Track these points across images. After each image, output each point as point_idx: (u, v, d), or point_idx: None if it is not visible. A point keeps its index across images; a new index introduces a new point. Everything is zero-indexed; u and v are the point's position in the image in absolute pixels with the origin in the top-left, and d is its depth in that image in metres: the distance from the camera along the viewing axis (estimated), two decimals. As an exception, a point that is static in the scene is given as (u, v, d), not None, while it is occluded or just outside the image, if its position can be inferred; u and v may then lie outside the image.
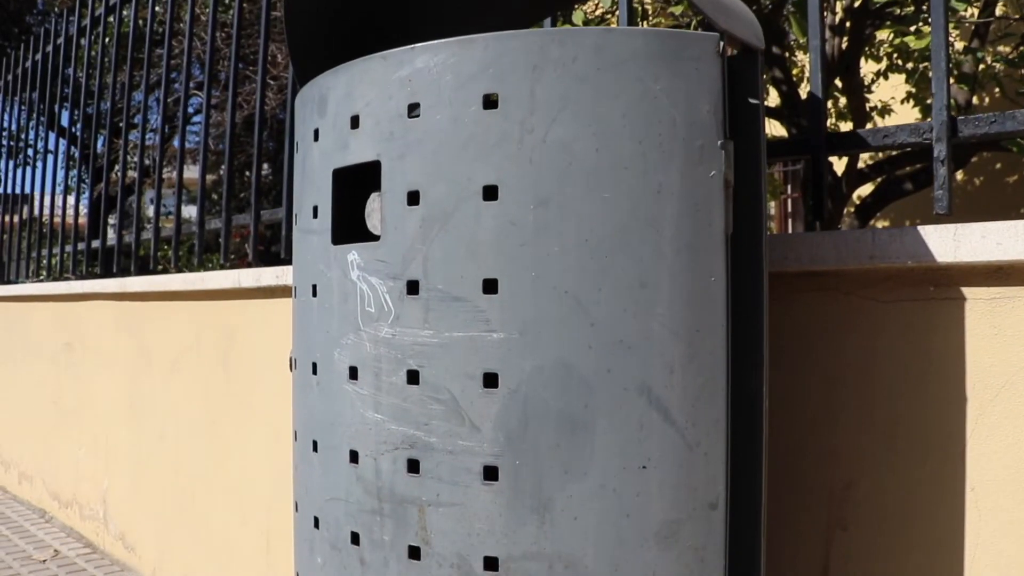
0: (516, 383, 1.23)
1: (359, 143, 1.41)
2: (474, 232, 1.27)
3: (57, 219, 5.37)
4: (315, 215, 1.50)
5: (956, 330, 1.54)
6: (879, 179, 5.11)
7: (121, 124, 4.44)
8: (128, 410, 3.90)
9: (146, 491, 3.75)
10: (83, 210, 5.74)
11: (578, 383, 1.22)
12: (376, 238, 1.38)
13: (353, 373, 1.38)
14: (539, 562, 1.23)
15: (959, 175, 7.17)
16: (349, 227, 1.47)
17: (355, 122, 1.41)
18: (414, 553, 1.31)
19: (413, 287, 1.30)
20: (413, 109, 1.34)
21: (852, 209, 5.46)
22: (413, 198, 1.32)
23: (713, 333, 1.25)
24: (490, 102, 1.29)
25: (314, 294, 1.48)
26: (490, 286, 1.25)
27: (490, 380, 1.25)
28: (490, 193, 1.27)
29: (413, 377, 1.30)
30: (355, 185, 1.49)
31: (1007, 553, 1.48)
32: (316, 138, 1.51)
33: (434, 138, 1.31)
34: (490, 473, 1.25)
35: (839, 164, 5.85)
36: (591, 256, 1.23)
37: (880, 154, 6.43)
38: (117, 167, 4.68)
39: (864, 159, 5.84)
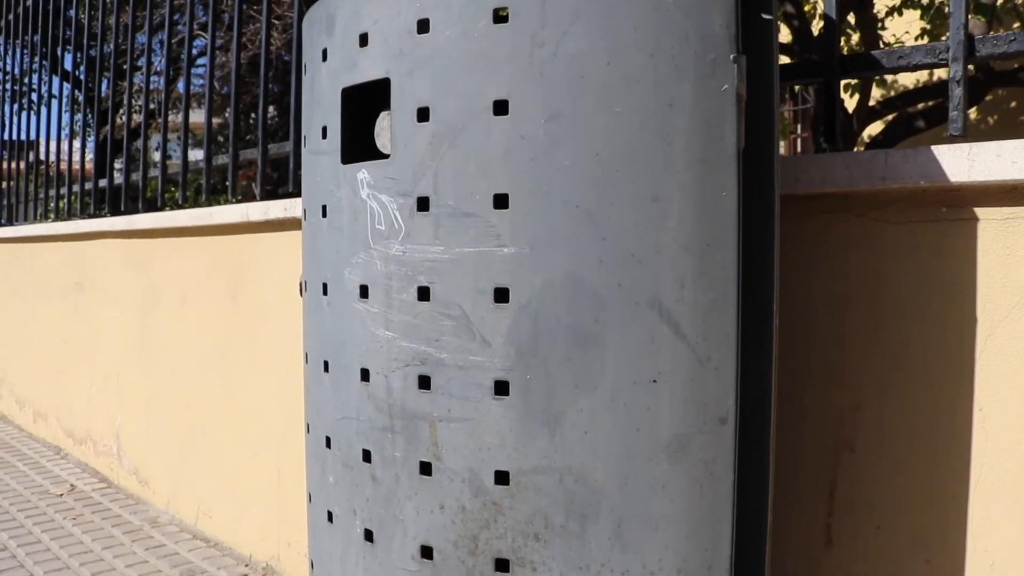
0: (527, 298, 1.24)
1: (368, 61, 1.39)
2: (484, 147, 1.26)
3: (64, 164, 5.36)
4: (324, 135, 1.49)
5: (967, 251, 1.53)
6: (890, 116, 5.06)
7: (125, 67, 4.40)
8: (139, 347, 3.93)
9: (158, 426, 3.80)
10: (89, 155, 5.72)
11: (589, 297, 1.22)
12: (386, 157, 1.37)
13: (364, 292, 1.39)
14: (549, 476, 1.25)
15: (972, 113, 7.09)
16: (358, 147, 1.46)
17: (363, 40, 1.40)
18: (425, 469, 1.33)
19: (423, 204, 1.30)
20: (422, 25, 1.33)
21: (862, 149, 5.42)
22: (423, 115, 1.31)
23: (724, 248, 1.25)
24: (500, 16, 1.28)
25: (324, 215, 1.48)
26: (500, 201, 1.25)
27: (501, 295, 1.25)
28: (500, 108, 1.26)
29: (424, 294, 1.31)
30: (364, 105, 1.48)
31: (1012, 474, 1.49)
32: (324, 58, 1.50)
33: (444, 54, 1.30)
34: (501, 388, 1.26)
35: (850, 103, 5.79)
36: (602, 170, 1.22)
37: (892, 91, 6.35)
38: (122, 111, 4.65)
39: (875, 96, 5.77)
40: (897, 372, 1.60)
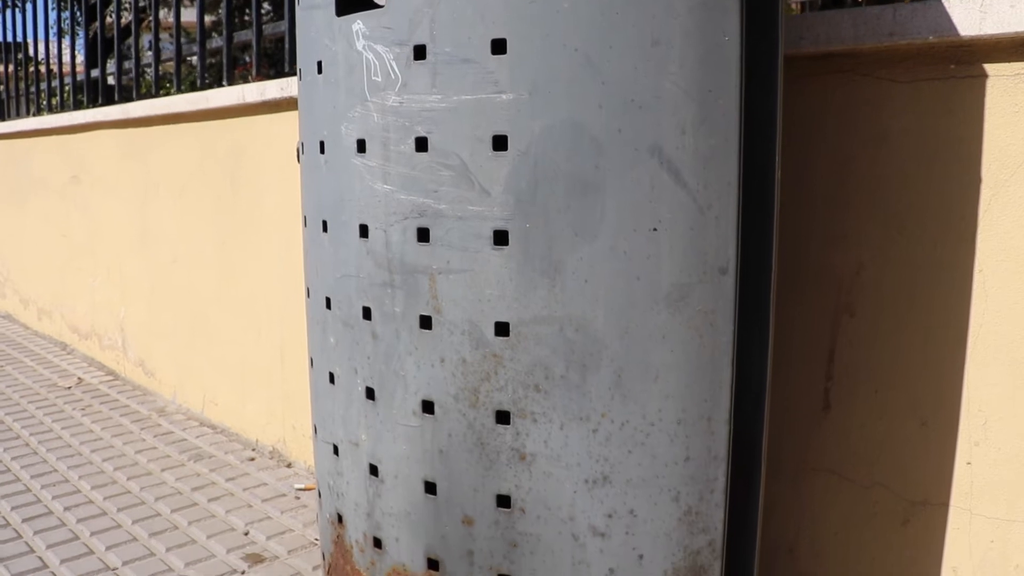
0: (525, 145, 1.22)
1: (360, -93, 1.34)
2: (481, -9, 1.22)
3: (54, 63, 5.25)
4: (317, -11, 1.45)
5: (975, 109, 1.50)
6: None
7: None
8: (139, 238, 3.92)
9: (161, 317, 3.82)
10: (79, 56, 5.59)
11: (588, 143, 1.20)
12: (381, 6, 1.33)
13: (361, 146, 1.37)
14: (549, 326, 1.25)
15: None
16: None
17: None
18: (425, 323, 1.33)
19: (420, 52, 1.27)
20: None
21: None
22: (417, -40, 1.27)
23: (726, 94, 1.22)
24: None
25: (319, 71, 1.45)
26: (499, 46, 1.21)
27: (499, 143, 1.23)
28: (497, -50, 1.22)
29: (422, 144, 1.29)
30: (357, -43, 1.43)
31: (1009, 335, 1.49)
32: (315, -92, 1.44)
33: None
34: (500, 238, 1.25)
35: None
36: (601, 13, 1.18)
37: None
38: (111, 7, 4.52)
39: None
40: (899, 234, 1.59)
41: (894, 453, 1.64)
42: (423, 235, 1.30)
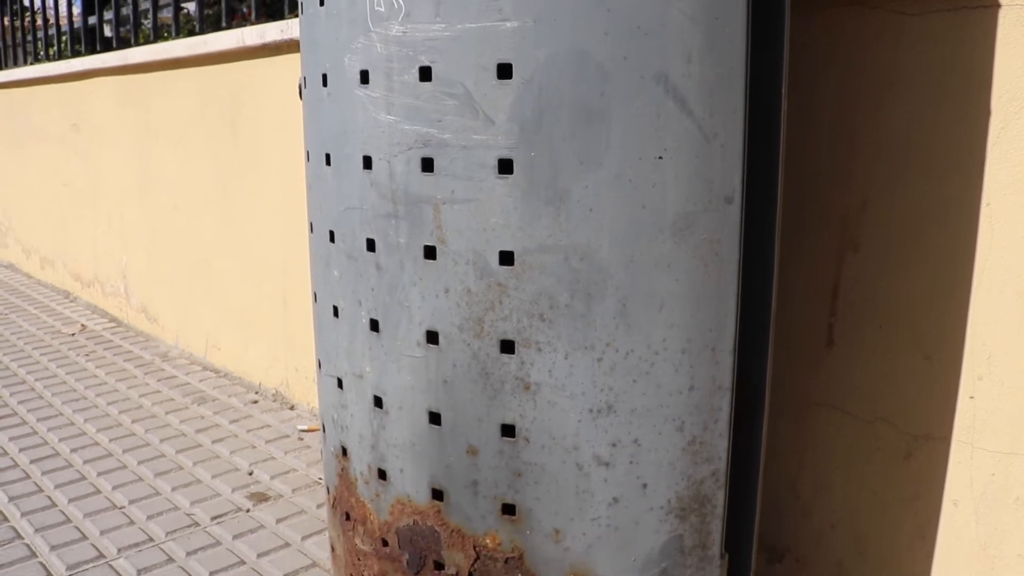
0: (530, 72, 1.20)
1: None
2: (485, -86, 1.20)
3: (50, 13, 5.19)
4: (317, -83, 1.42)
5: (986, 40, 1.48)
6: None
7: None
8: (139, 185, 3.90)
9: (163, 263, 3.82)
10: (76, 7, 5.50)
11: (593, 71, 1.19)
12: (382, -68, 1.31)
13: (364, 77, 1.35)
14: (554, 255, 1.24)
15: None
16: (353, -73, 1.40)
17: None
18: (430, 253, 1.32)
19: (423, -22, 1.25)
20: None
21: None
22: None
23: (732, 21, 1.20)
24: None
25: (321, 3, 1.43)
26: (503, -29, 1.19)
27: (504, 71, 1.22)
28: None
29: (425, 74, 1.27)
30: None
31: (1015, 269, 1.48)
32: None
33: None
34: (504, 166, 1.24)
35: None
36: (608, -65, 1.16)
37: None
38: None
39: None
40: (906, 170, 1.58)
41: (897, 388, 1.64)
42: (427, 165, 1.29)
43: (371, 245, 1.39)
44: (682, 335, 1.26)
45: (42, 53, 5.37)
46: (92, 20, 4.62)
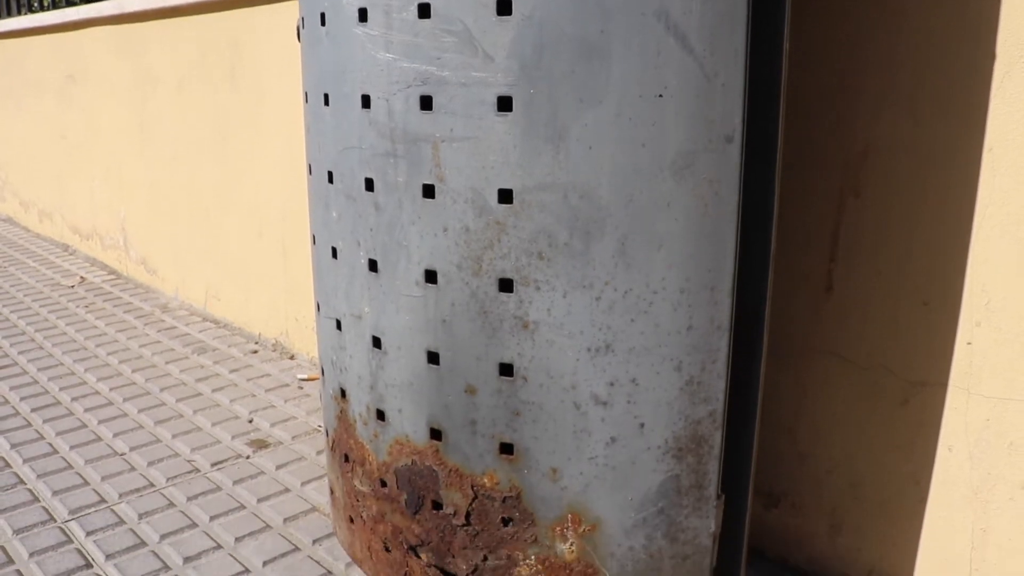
0: (530, 8, 1.19)
1: None
2: None
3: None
4: None
5: (991, -18, 1.47)
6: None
7: None
8: (137, 136, 3.88)
9: (162, 215, 3.81)
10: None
11: (594, 7, 1.17)
12: None
13: (362, 15, 1.34)
14: (553, 193, 1.24)
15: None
16: None
17: None
18: (428, 192, 1.32)
19: (421, -89, 1.23)
20: None
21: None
22: None
23: (737, -45, 1.19)
24: None
25: (318, -62, 1.41)
26: (503, -97, 1.18)
27: (503, 7, 1.20)
28: None
29: (424, 11, 1.26)
30: None
31: (1015, 213, 1.48)
32: None
33: None
34: (504, 104, 1.23)
35: None
36: None
37: None
38: None
39: None
40: (909, 115, 1.57)
41: (895, 334, 1.65)
42: (426, 103, 1.28)
43: (370, 185, 1.39)
44: (681, 275, 1.26)
45: (36, 3, 5.31)
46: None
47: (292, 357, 3.12)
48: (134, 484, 2.27)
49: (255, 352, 3.20)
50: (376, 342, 1.44)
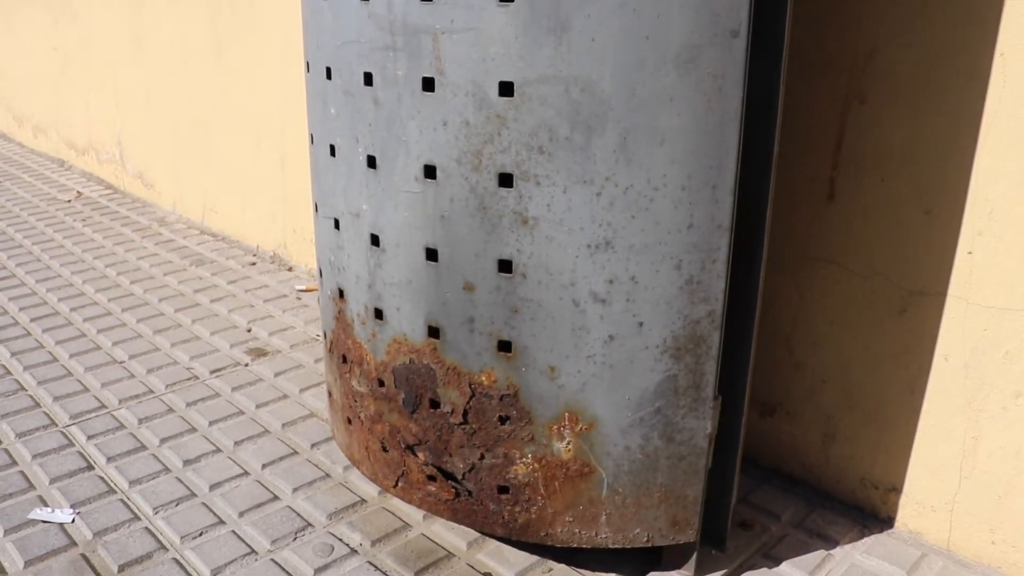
0: None
1: None
2: None
3: None
4: None
5: None
6: None
7: None
8: (132, 47, 3.81)
9: (159, 128, 3.76)
10: None
11: None
12: None
13: (360, -100, 1.30)
14: (555, 85, 1.22)
15: None
16: None
17: None
18: (428, 85, 1.29)
19: None
20: None
21: None
22: None
23: None
24: None
25: None
26: None
27: None
28: None
29: None
30: None
31: (1025, 122, 1.46)
32: None
33: None
34: (506, -8, 1.20)
35: None
36: None
37: None
38: None
39: None
40: (917, 16, 1.54)
41: (896, 243, 1.64)
42: (426, -8, 1.25)
43: (368, 79, 1.36)
44: (682, 171, 1.25)
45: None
46: None
47: (290, 269, 3.12)
48: (134, 391, 2.29)
49: (253, 264, 3.19)
50: (374, 240, 1.43)
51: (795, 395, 1.85)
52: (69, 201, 4.06)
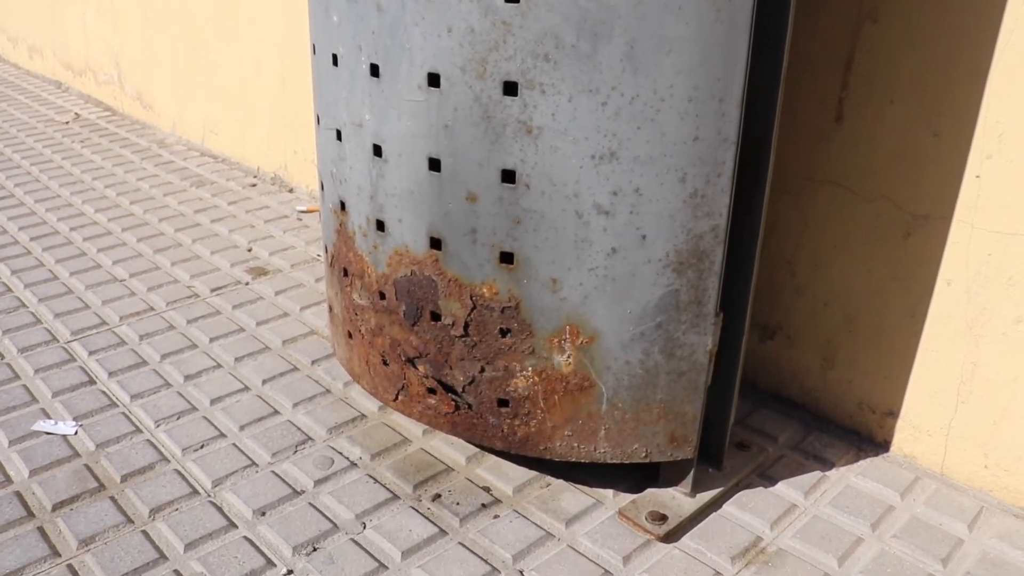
0: None
1: None
2: None
3: None
4: None
5: None
6: None
7: None
8: (130, -35, 3.74)
9: (157, 48, 3.71)
10: None
11: None
12: None
13: None
14: (562, -9, 1.19)
15: None
16: None
17: None
18: (432, -10, 1.27)
19: None
20: None
21: None
22: None
23: None
24: None
25: None
26: None
27: None
28: None
29: None
30: None
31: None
32: None
33: None
34: None
35: None
36: None
37: None
38: None
39: None
40: (935, -68, 1.50)
41: (903, 166, 1.62)
42: None
43: (371, -16, 1.33)
44: (689, 82, 1.23)
45: None
46: None
47: (291, 190, 3.10)
48: (134, 308, 2.29)
49: (254, 185, 3.17)
50: (377, 150, 1.42)
51: (796, 319, 1.86)
52: (67, 123, 4.02)
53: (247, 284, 2.43)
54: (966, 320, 1.61)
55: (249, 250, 2.64)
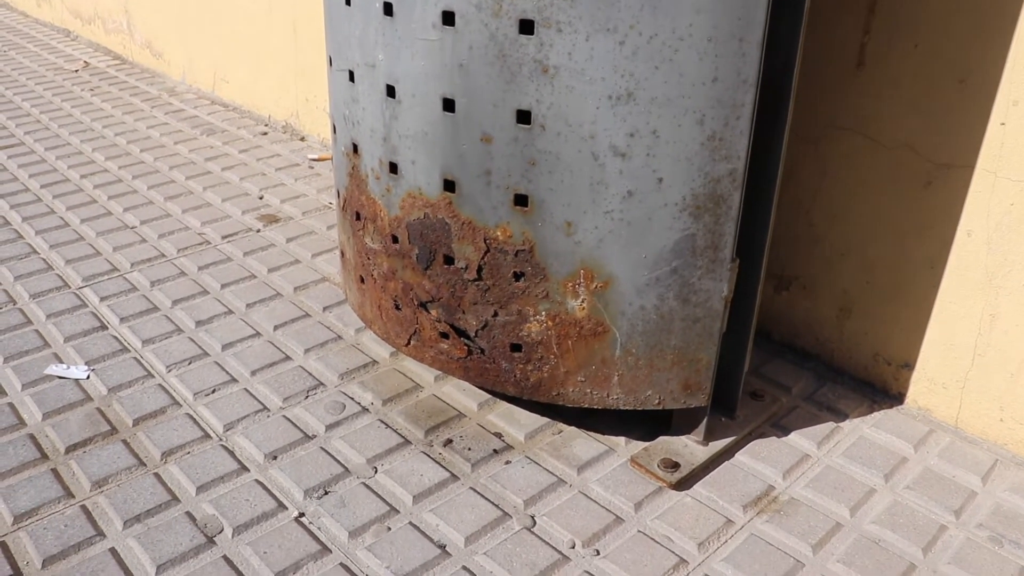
0: None
1: None
2: None
3: None
4: None
5: None
6: None
7: None
8: (139, -90, 3.69)
9: (168, -4, 3.67)
10: None
11: None
12: None
13: None
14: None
15: None
16: None
17: None
18: (448, -76, 1.23)
19: None
20: None
21: None
22: None
23: None
24: None
25: None
26: None
27: None
28: None
29: None
30: None
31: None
32: None
33: None
34: None
35: None
36: None
37: None
38: None
39: None
40: None
41: (926, 113, 1.59)
42: None
43: (384, -82, 1.30)
44: (709, 21, 1.20)
45: None
46: None
47: (302, 139, 3.08)
48: (146, 255, 2.28)
49: (265, 134, 3.15)
50: (390, 91, 1.39)
51: (812, 269, 1.83)
52: (76, 71, 3.99)
53: (258, 231, 2.41)
54: (986, 271, 1.58)
55: (260, 198, 2.63)
